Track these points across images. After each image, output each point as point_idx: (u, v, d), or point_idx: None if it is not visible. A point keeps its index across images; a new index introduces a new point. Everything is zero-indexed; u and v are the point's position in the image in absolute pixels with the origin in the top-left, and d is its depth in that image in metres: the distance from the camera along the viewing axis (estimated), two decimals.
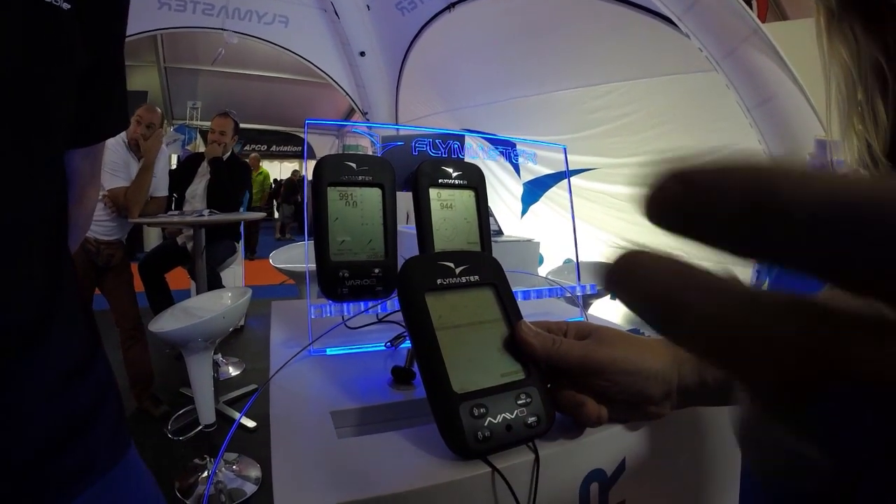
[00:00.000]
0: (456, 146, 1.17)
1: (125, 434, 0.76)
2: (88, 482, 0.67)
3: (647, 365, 0.61)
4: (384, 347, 0.98)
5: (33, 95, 0.59)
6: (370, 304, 0.92)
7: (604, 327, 0.66)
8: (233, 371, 4.38)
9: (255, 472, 2.86)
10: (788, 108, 3.32)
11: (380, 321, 1.00)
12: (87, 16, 0.63)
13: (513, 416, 0.61)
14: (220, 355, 4.39)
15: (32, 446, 0.61)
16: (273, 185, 18.66)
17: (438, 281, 0.68)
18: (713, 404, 0.69)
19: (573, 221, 1.37)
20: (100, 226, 3.38)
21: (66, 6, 0.58)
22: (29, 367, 0.61)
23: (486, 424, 0.59)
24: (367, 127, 6.99)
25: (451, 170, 0.99)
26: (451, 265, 0.70)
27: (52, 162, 0.66)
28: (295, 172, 18.70)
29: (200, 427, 2.70)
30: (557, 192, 5.18)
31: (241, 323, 5.29)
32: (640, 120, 4.36)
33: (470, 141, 1.53)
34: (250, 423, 3.27)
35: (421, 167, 0.96)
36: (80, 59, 0.65)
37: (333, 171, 0.90)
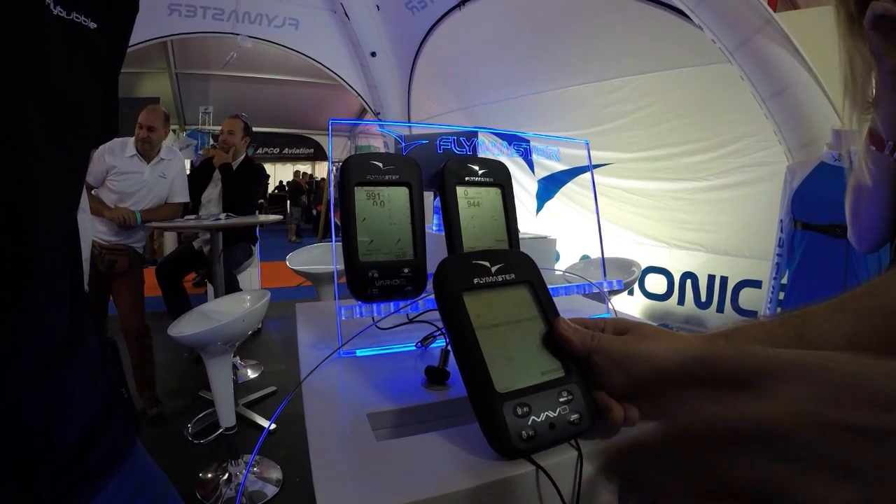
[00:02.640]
0: (481, 144, 1.16)
1: (133, 429, 0.81)
2: (116, 468, 0.73)
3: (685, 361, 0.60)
4: (414, 347, 0.97)
5: (74, 105, 0.64)
6: (401, 304, 0.91)
7: (642, 323, 0.65)
8: (251, 373, 4.40)
9: (275, 473, 2.87)
10: (803, 98, 3.29)
11: (411, 321, 1.00)
12: (107, 33, 0.68)
13: (556, 415, 0.61)
14: (237, 358, 4.41)
15: (76, 435, 0.67)
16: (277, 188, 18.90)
17: (475, 280, 0.67)
18: None
19: (598, 219, 1.36)
20: (102, 226, 3.41)
21: (92, 25, 0.64)
22: (70, 366, 0.66)
23: (529, 423, 0.59)
24: (381, 124, 6.99)
25: (477, 167, 0.99)
26: (487, 264, 0.69)
27: (83, 166, 0.72)
28: (296, 174, 18.85)
29: (221, 430, 2.71)
30: (572, 187, 5.16)
31: (259, 325, 5.30)
32: (655, 114, 4.33)
33: (483, 137, 1.53)
34: (270, 425, 3.28)
35: (447, 165, 0.96)
36: (103, 71, 0.70)
37: (360, 170, 0.90)
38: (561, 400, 0.62)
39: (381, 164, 0.91)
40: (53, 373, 0.63)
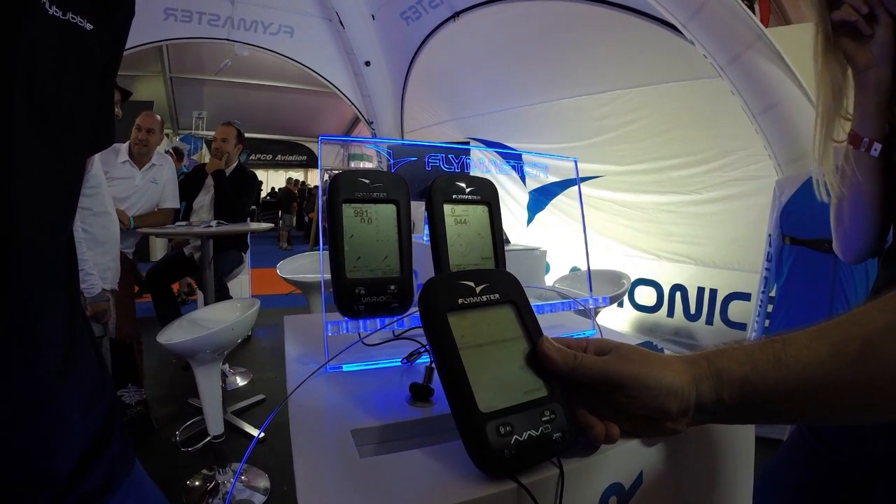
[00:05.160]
0: (469, 161, 1.18)
1: (131, 448, 0.79)
2: (112, 492, 0.71)
3: (667, 381, 0.61)
4: (400, 363, 0.98)
5: (66, 109, 0.62)
6: (387, 320, 0.92)
7: (623, 344, 0.66)
8: (240, 381, 4.38)
9: (263, 482, 2.86)
10: (794, 113, 3.32)
11: (397, 338, 1.00)
12: (103, 35, 0.66)
13: (538, 433, 0.61)
14: (227, 365, 4.38)
15: (73, 459, 0.65)
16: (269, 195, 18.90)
17: (460, 301, 0.68)
18: (729, 422, 0.70)
19: (584, 233, 1.37)
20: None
21: (89, 27, 0.62)
22: (66, 388, 0.65)
23: (512, 442, 0.60)
24: (372, 142, 7.00)
25: (464, 185, 1.00)
26: (472, 284, 0.70)
27: (77, 175, 0.69)
28: (289, 180, 18.84)
29: (209, 438, 2.70)
30: (563, 199, 5.18)
31: (248, 333, 5.28)
32: (646, 127, 4.36)
33: (479, 154, 1.54)
34: (259, 435, 3.27)
35: (435, 183, 0.97)
36: (98, 75, 0.68)
37: (348, 187, 0.91)
38: (543, 419, 0.63)
39: (368, 182, 0.92)
40: (50, 390, 0.62)
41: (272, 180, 20.48)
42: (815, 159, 1.06)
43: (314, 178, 20.07)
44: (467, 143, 5.65)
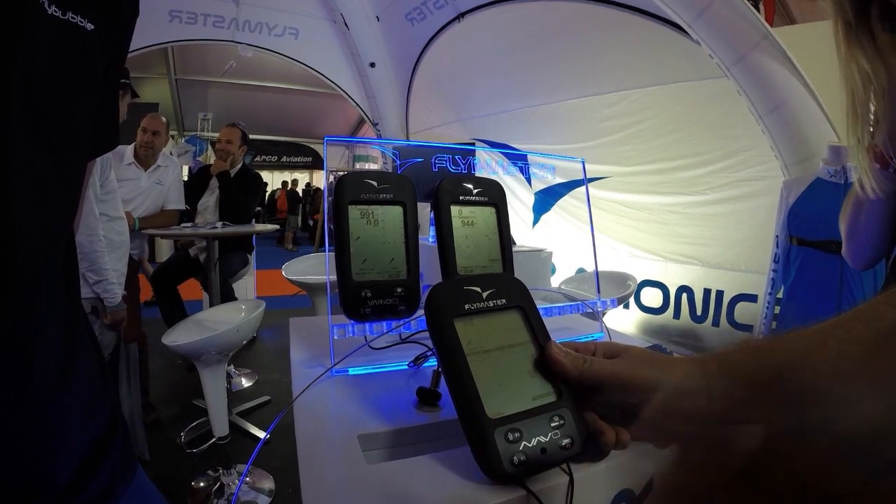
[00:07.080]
0: (476, 162, 1.17)
1: (133, 454, 0.78)
2: (115, 498, 0.70)
3: (677, 383, 0.60)
4: (407, 367, 0.97)
5: (64, 110, 0.61)
6: (394, 324, 0.91)
7: (632, 347, 0.65)
8: (245, 382, 4.38)
9: (268, 483, 2.85)
10: (800, 113, 3.30)
11: (403, 342, 1.00)
12: (104, 35, 0.65)
13: (547, 439, 0.61)
14: (232, 367, 4.38)
15: (73, 466, 0.64)
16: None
17: (466, 306, 0.68)
18: (740, 422, 0.68)
19: (592, 235, 1.36)
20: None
21: (89, 27, 0.61)
22: (65, 394, 0.64)
23: (521, 448, 0.59)
24: (376, 143, 6.99)
25: (471, 186, 0.99)
26: (478, 289, 0.69)
27: (76, 178, 0.68)
28: (285, 183, 18.83)
29: (214, 439, 2.70)
30: (569, 200, 5.16)
31: (253, 334, 5.27)
32: (652, 128, 4.34)
33: (485, 156, 1.53)
34: (263, 434, 3.27)
35: (442, 184, 0.96)
36: (99, 76, 0.67)
37: (354, 189, 0.90)
38: (552, 425, 0.62)
39: (375, 183, 0.91)
40: (49, 396, 0.61)
41: (277, 182, 20.51)
42: (850, 159, 1.03)
43: (319, 180, 20.09)
44: (472, 144, 5.64)
